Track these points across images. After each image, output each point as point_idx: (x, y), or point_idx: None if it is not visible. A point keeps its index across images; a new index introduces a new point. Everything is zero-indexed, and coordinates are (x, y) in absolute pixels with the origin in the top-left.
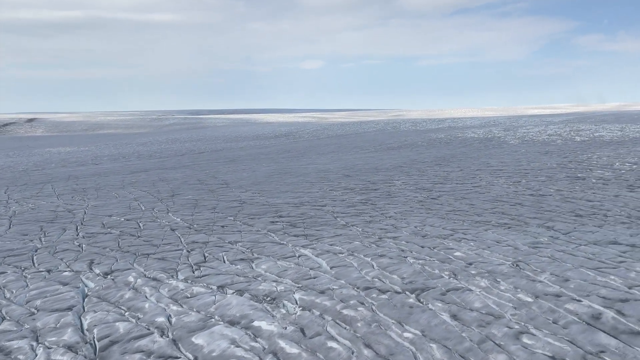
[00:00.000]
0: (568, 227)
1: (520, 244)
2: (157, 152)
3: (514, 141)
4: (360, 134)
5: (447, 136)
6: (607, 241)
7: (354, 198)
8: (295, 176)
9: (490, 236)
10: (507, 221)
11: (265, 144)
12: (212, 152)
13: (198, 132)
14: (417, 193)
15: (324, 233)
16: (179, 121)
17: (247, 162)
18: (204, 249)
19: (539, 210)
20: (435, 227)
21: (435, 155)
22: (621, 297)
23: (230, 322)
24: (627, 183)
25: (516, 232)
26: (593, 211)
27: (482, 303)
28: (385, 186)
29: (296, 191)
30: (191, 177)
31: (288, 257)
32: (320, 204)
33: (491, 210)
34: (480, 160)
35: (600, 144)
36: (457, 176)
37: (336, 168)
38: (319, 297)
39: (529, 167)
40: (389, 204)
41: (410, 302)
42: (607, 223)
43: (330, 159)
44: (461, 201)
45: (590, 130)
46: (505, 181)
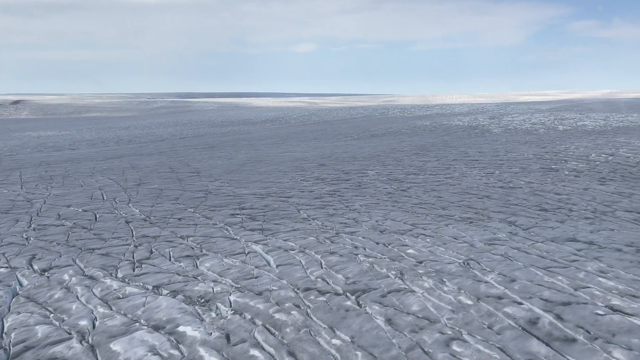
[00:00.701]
0: (530, 222)
1: (477, 240)
2: (138, 137)
3: (497, 130)
4: (348, 120)
5: (432, 123)
6: (565, 238)
7: (323, 189)
8: (270, 165)
9: (449, 232)
10: (471, 215)
11: (249, 130)
12: (194, 137)
13: (184, 116)
14: (388, 184)
15: (281, 227)
16: (167, 104)
17: (226, 149)
18: (152, 244)
19: (505, 204)
20: (396, 222)
21: (416, 143)
22: (564, 299)
23: (155, 327)
24: (599, 176)
25: (477, 227)
26: (559, 205)
27: (421, 306)
28: (357, 176)
29: (266, 181)
30: (163, 165)
31: (236, 254)
32: (287, 195)
33: (458, 203)
34: (459, 150)
35: (582, 133)
36: (432, 166)
37: (313, 156)
38: (255, 299)
39: (505, 158)
40: (357, 195)
41: (347, 305)
42: (570, 218)
43: (311, 146)
44: (430, 193)
45: (575, 119)
46: (478, 172)
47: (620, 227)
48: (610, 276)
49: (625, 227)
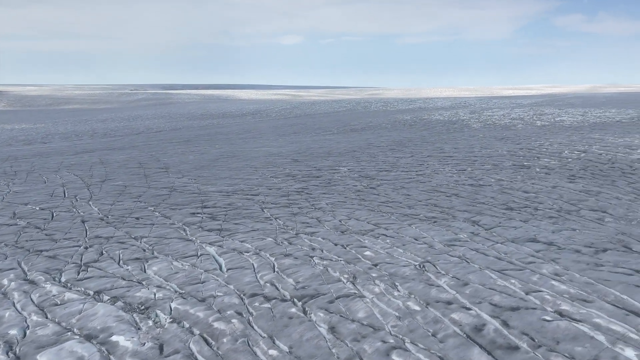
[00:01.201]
0: (494, 221)
1: (437, 241)
2: (114, 130)
3: (476, 125)
4: (330, 113)
5: (413, 118)
6: (526, 238)
7: (291, 186)
8: (243, 160)
9: (410, 232)
10: (436, 214)
11: (228, 123)
12: (170, 130)
13: (164, 108)
14: (358, 181)
15: (241, 227)
16: (149, 96)
17: (201, 143)
18: (103, 245)
19: (472, 202)
20: (359, 221)
21: (394, 138)
22: (513, 304)
23: (87, 336)
24: (569, 173)
25: (440, 227)
26: (525, 204)
27: (367, 312)
28: (329, 173)
29: (235, 178)
30: (133, 160)
31: (187, 257)
32: (254, 193)
33: (425, 201)
34: (435, 146)
35: (559, 129)
36: (405, 163)
37: (288, 152)
38: (197, 306)
39: (479, 154)
40: (325, 193)
41: (291, 312)
42: (534, 218)
43: (288, 141)
44: (399, 191)
45: (553, 114)
46: (451, 169)
47: (582, 227)
48: (564, 279)
49: (588, 227)
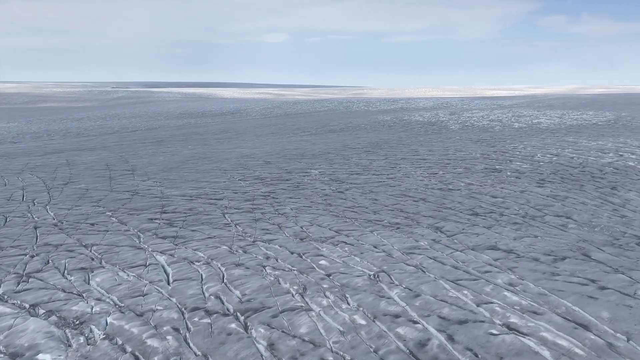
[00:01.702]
0: (457, 228)
1: (396, 248)
2: (88, 129)
3: (455, 126)
4: (310, 113)
5: (392, 119)
6: (487, 246)
7: (258, 190)
8: (213, 162)
9: (371, 239)
10: (400, 220)
11: (206, 123)
12: (146, 130)
13: (143, 107)
14: (327, 185)
15: (197, 234)
16: (129, 95)
17: (175, 144)
18: (51, 253)
19: (439, 208)
20: (321, 228)
21: (370, 140)
22: (461, 317)
23: (13, 355)
24: (539, 177)
25: (401, 233)
26: (492, 209)
27: (311, 327)
28: (299, 176)
29: (202, 180)
30: (101, 161)
31: (135, 267)
32: (218, 197)
33: (391, 206)
34: (411, 148)
35: (535, 131)
36: (378, 165)
37: (262, 153)
38: (133, 321)
39: (453, 157)
40: (291, 197)
41: (231, 328)
42: (498, 224)
43: (264, 142)
44: (367, 195)
45: (531, 116)
46: (422, 172)
47: (545, 233)
48: (517, 289)
49: (550, 233)
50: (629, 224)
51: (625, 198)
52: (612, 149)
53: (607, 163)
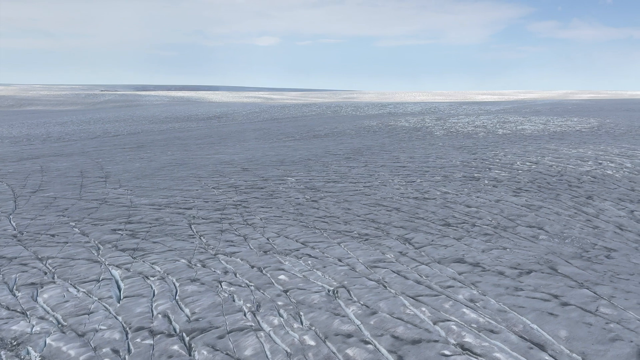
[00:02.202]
0: (426, 239)
1: (361, 261)
2: (69, 134)
3: (439, 132)
4: (297, 118)
5: (379, 124)
6: (453, 259)
7: (230, 199)
8: (190, 169)
9: (337, 252)
10: (370, 231)
11: (190, 127)
12: (128, 135)
13: (129, 111)
14: (302, 193)
15: (158, 247)
16: (116, 98)
17: (154, 149)
18: (3, 267)
19: (411, 218)
20: (287, 239)
21: (353, 146)
22: (415, 337)
23: None
24: (516, 186)
25: (369, 245)
26: (464, 219)
27: (256, 349)
28: (274, 184)
29: (174, 188)
30: (76, 168)
31: (87, 282)
32: (187, 206)
33: (363, 216)
34: (392, 154)
35: (518, 138)
36: (356, 173)
37: (241, 159)
38: (73, 342)
39: (432, 165)
40: (263, 207)
41: (173, 350)
42: (469, 235)
43: (245, 147)
44: (340, 205)
45: (516, 122)
46: (400, 180)
47: (514, 245)
48: (478, 305)
49: (519, 245)
50: (601, 235)
51: (599, 208)
52: (592, 156)
53: (585, 171)
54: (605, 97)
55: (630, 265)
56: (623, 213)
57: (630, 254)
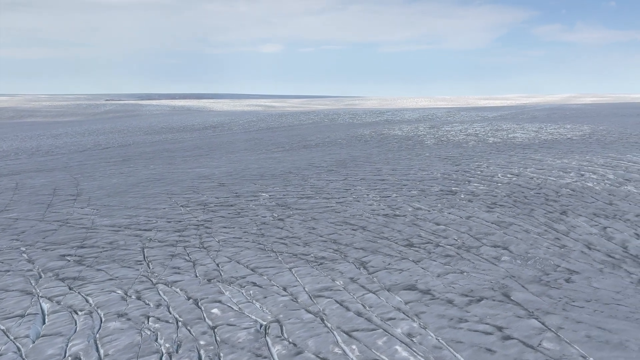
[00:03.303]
0: (383, 262)
1: (307, 290)
2: (60, 147)
3: (430, 141)
4: (293, 127)
5: (371, 132)
6: (405, 285)
7: (195, 218)
8: (166, 184)
9: (285, 279)
10: (328, 254)
11: (183, 138)
12: (118, 147)
13: (126, 121)
14: (271, 211)
15: (100, 275)
16: (117, 108)
17: (139, 163)
18: None
19: (375, 238)
20: (238, 265)
21: (339, 157)
22: None
23: None
24: (492, 200)
25: (322, 270)
26: (429, 239)
27: None
28: (245, 201)
29: (142, 207)
30: (51, 185)
31: (10, 317)
32: (147, 227)
33: (326, 237)
34: (376, 166)
35: (506, 147)
36: (333, 187)
37: (221, 173)
38: None
39: (413, 177)
40: (226, 227)
41: None
42: (429, 257)
43: (230, 160)
44: (306, 224)
45: (509, 130)
46: (375, 195)
47: (473, 268)
48: (414, 341)
49: (479, 268)
50: (566, 255)
51: (571, 225)
52: (575, 167)
53: (565, 184)
54: (608, 101)
55: (589, 290)
56: (595, 230)
57: (593, 277)
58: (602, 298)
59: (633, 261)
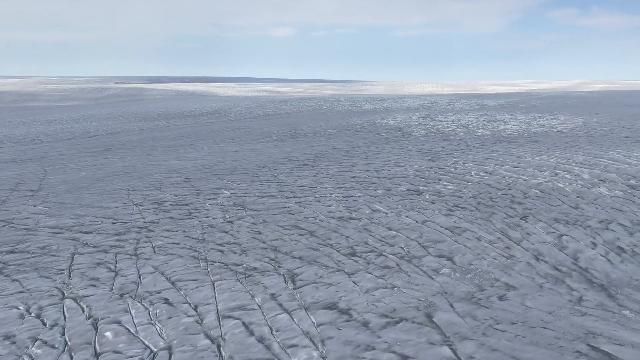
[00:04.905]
0: (316, 274)
1: (220, 308)
2: (47, 134)
3: (419, 133)
4: (290, 114)
5: (364, 122)
6: (327, 303)
7: (141, 220)
8: (132, 179)
9: (201, 295)
10: (261, 264)
11: (176, 125)
12: (107, 135)
13: (126, 106)
14: (225, 212)
15: (13, 286)
16: (120, 92)
17: (118, 153)
18: None
19: (319, 245)
20: (159, 277)
21: (322, 149)
22: None
23: None
24: (454, 202)
25: (245, 285)
26: (374, 248)
27: None
28: (203, 200)
29: (94, 205)
30: (16, 178)
31: None
32: (88, 230)
33: (268, 243)
34: (352, 161)
35: (492, 140)
36: (299, 185)
37: (193, 166)
38: None
39: (384, 174)
40: (169, 230)
41: None
42: (366, 268)
43: (209, 151)
44: (254, 227)
45: (502, 121)
46: (338, 195)
47: (406, 283)
48: None
49: (412, 282)
50: (510, 268)
51: (527, 232)
52: (552, 165)
53: (536, 184)
54: (617, 88)
55: (520, 310)
56: (550, 238)
57: (530, 294)
58: (530, 320)
59: (579, 275)
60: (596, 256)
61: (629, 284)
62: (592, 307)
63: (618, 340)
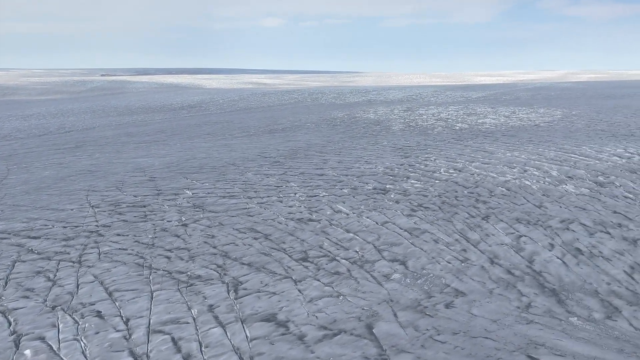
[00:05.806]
0: (261, 283)
1: (152, 322)
2: (21, 130)
3: (397, 127)
4: (272, 107)
5: (345, 115)
6: (266, 315)
7: (94, 223)
8: (95, 178)
9: (136, 307)
10: (207, 272)
11: (153, 120)
12: (82, 130)
13: (107, 100)
14: (181, 214)
15: None
16: (103, 85)
17: (88, 150)
18: None
19: (272, 250)
20: (97, 288)
21: (296, 145)
22: None
23: None
24: (418, 202)
25: (185, 295)
26: (328, 252)
27: None
28: (162, 201)
29: (49, 208)
30: None
31: None
32: (37, 235)
33: (219, 248)
34: (324, 157)
35: (469, 135)
36: (265, 184)
37: (160, 164)
38: None
39: (354, 172)
40: (120, 235)
41: None
42: (315, 275)
43: (181, 147)
44: (208, 231)
45: (481, 114)
46: (302, 194)
47: (355, 290)
48: None
49: (360, 290)
50: (463, 272)
51: (487, 233)
52: (522, 162)
53: (503, 182)
54: (603, 79)
55: (465, 319)
56: (508, 240)
57: (478, 300)
58: (473, 329)
59: (532, 279)
60: (552, 258)
61: (581, 288)
62: (539, 314)
63: (560, 350)
